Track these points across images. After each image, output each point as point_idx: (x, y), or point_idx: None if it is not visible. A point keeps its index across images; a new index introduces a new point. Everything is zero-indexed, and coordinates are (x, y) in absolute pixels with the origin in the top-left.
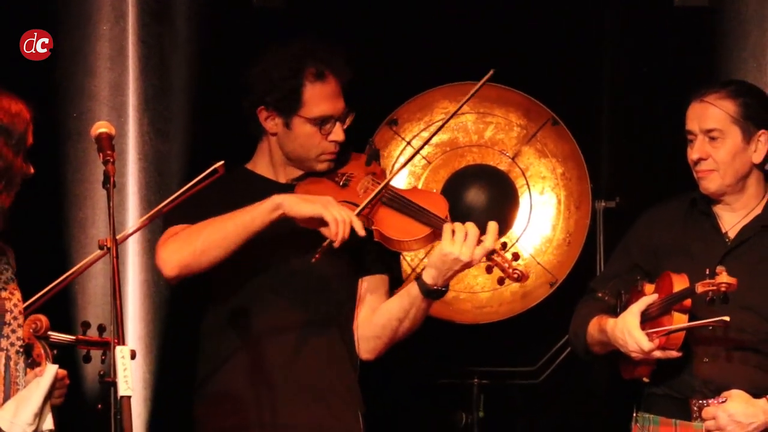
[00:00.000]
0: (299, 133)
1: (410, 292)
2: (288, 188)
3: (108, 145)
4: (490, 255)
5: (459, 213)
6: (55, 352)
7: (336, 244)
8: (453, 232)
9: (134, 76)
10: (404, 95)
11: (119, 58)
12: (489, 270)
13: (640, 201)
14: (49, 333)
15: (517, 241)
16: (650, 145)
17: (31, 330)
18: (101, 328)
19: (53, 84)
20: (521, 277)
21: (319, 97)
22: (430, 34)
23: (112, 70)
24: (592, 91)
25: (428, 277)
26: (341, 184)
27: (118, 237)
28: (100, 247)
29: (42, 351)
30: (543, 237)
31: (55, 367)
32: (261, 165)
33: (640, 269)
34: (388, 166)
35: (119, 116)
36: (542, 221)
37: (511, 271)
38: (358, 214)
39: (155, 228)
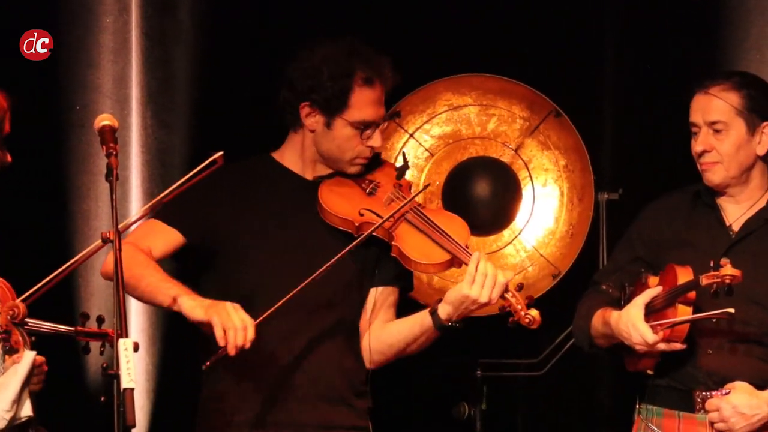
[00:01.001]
0: (339, 134)
1: (423, 322)
2: (312, 184)
3: (111, 137)
4: (505, 294)
5: (462, 205)
6: (33, 339)
7: (229, 352)
8: (474, 275)
9: (137, 68)
10: (407, 87)
11: (122, 51)
12: (502, 309)
13: (643, 193)
14: (29, 320)
15: (520, 233)
16: (653, 136)
17: (8, 317)
18: (100, 320)
19: (56, 76)
20: (532, 323)
21: (365, 102)
22: (433, 26)
23: (116, 62)
24: (595, 83)
25: (443, 313)
26: (368, 191)
27: (120, 227)
28: (104, 240)
29: (20, 338)
30: (546, 229)
31: (33, 353)
32: (289, 157)
33: (643, 261)
34: (391, 158)
35: (122, 109)
36: (545, 213)
37: (523, 314)
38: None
39: None
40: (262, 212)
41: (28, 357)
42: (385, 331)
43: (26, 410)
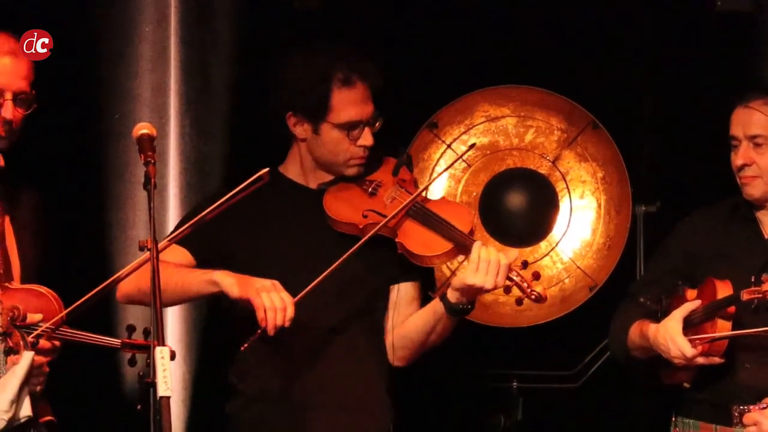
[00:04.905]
0: (327, 138)
1: (436, 309)
2: (318, 193)
3: (149, 146)
4: (509, 274)
5: (499, 216)
6: (33, 340)
7: (269, 332)
8: (477, 263)
9: (176, 77)
10: (445, 98)
11: (161, 60)
12: (507, 290)
13: (681, 205)
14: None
15: (557, 245)
16: (691, 149)
17: (8, 319)
18: (147, 332)
19: (95, 85)
20: (539, 299)
21: (347, 103)
22: (471, 37)
23: (154, 71)
24: (633, 95)
25: (452, 297)
26: (369, 191)
27: (160, 243)
28: (141, 248)
29: (20, 340)
30: (583, 241)
31: (31, 354)
32: (292, 169)
33: (680, 274)
34: (428, 169)
35: (160, 117)
36: (582, 225)
37: (529, 291)
38: (292, 301)
39: None
40: (270, 228)
41: (26, 358)
42: (404, 325)
43: (25, 410)
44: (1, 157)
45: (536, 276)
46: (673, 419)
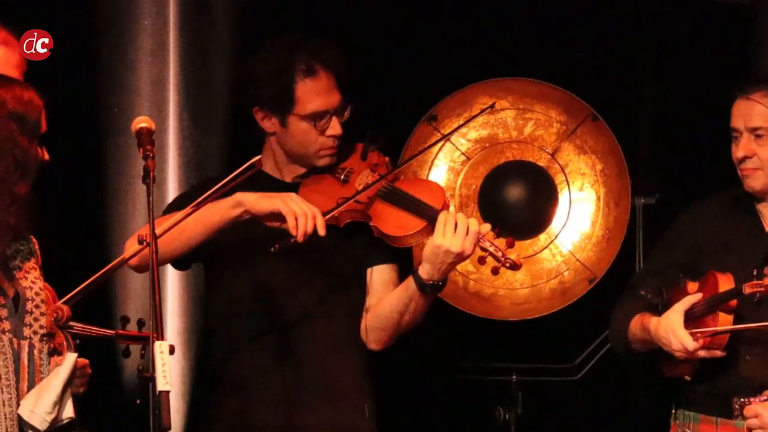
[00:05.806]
0: (295, 130)
1: (408, 286)
2: (293, 187)
3: (148, 140)
4: (482, 244)
5: (498, 209)
6: (77, 342)
7: (299, 239)
8: (444, 224)
9: (175, 70)
10: (444, 90)
11: (160, 53)
12: (482, 261)
13: (680, 198)
14: (72, 323)
15: (556, 237)
16: (690, 141)
17: (52, 319)
18: (141, 323)
19: (94, 78)
20: (514, 266)
21: (311, 93)
22: (470, 30)
23: (153, 64)
24: (633, 87)
25: (423, 272)
26: (342, 179)
27: (156, 231)
28: (140, 242)
29: (64, 341)
30: (582, 233)
31: (75, 355)
32: (267, 164)
33: (681, 266)
34: (428, 162)
35: (160, 111)
36: (581, 218)
37: (504, 259)
38: (326, 214)
39: None
40: (250, 223)
41: (69, 359)
42: (379, 306)
43: (68, 412)
44: (45, 151)
45: (510, 244)
46: (674, 412)
